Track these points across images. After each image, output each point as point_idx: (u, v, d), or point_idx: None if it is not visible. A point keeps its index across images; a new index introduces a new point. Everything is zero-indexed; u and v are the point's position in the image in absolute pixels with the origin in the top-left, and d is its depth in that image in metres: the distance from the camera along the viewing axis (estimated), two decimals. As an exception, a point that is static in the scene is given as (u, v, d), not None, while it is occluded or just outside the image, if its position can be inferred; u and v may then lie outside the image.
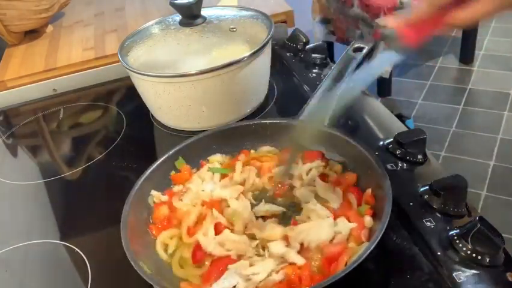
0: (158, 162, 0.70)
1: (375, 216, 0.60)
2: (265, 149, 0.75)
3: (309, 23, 2.57)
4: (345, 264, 0.54)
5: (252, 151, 0.75)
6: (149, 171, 0.69)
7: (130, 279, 0.61)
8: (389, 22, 0.57)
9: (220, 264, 0.57)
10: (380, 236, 0.52)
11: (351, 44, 0.90)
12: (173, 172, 0.72)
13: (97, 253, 0.68)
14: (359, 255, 0.51)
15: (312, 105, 0.75)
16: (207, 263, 0.59)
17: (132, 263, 0.55)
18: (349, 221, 0.60)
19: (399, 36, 0.57)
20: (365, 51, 0.88)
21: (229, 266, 0.56)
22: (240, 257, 0.58)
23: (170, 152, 0.72)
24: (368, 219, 0.59)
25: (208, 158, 0.75)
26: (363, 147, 0.65)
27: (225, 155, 0.75)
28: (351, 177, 0.67)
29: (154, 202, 0.68)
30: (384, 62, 0.61)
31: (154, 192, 0.68)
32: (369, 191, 0.63)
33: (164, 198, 0.69)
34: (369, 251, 0.50)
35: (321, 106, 0.64)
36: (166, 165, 0.71)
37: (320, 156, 0.71)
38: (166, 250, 0.62)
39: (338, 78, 0.83)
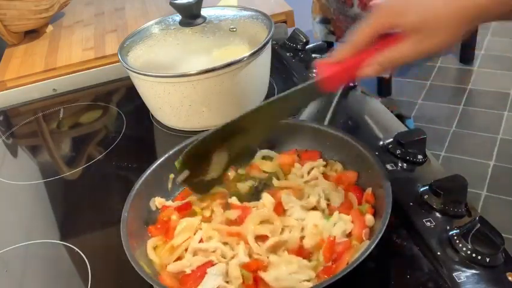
0: (158, 162, 0.70)
1: (376, 214, 0.60)
2: (263, 153, 0.75)
3: (309, 23, 2.57)
4: (347, 263, 0.54)
5: (240, 170, 0.74)
6: (149, 171, 0.68)
7: (130, 279, 0.61)
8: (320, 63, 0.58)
9: (200, 269, 0.57)
10: (380, 235, 0.52)
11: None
12: (172, 175, 0.71)
13: (97, 253, 0.68)
14: (359, 255, 0.51)
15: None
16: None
17: (132, 263, 0.55)
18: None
19: (320, 78, 0.58)
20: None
21: (208, 270, 0.56)
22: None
23: (171, 152, 0.72)
24: (369, 218, 0.60)
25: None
26: (363, 147, 0.66)
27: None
28: (352, 176, 0.67)
29: (156, 207, 0.68)
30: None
31: (158, 199, 0.68)
32: (369, 190, 0.63)
33: (169, 203, 0.68)
34: (369, 251, 0.50)
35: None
36: (167, 165, 0.71)
37: (319, 156, 0.71)
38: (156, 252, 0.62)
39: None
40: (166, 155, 0.71)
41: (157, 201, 0.68)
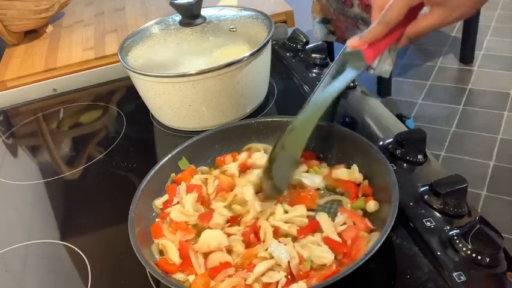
0: (162, 162, 0.70)
1: (379, 201, 0.61)
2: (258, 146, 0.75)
3: (309, 23, 2.56)
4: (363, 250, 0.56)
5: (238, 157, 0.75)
6: (153, 171, 0.68)
7: (130, 279, 0.62)
8: (354, 43, 0.63)
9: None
10: (388, 232, 0.52)
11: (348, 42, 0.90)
12: (173, 174, 0.72)
13: (97, 253, 0.68)
14: (368, 251, 0.52)
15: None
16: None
17: (143, 263, 0.54)
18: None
19: (363, 55, 0.63)
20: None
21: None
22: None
23: (174, 152, 0.71)
24: (371, 204, 0.61)
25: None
26: (367, 142, 0.66)
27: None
28: (340, 171, 0.67)
29: (158, 208, 0.68)
30: (346, 79, 0.66)
31: (156, 201, 0.68)
32: (365, 182, 0.64)
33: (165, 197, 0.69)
34: (377, 247, 0.51)
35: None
36: (170, 165, 0.71)
37: (315, 157, 0.71)
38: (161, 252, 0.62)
39: (337, 76, 0.84)
40: (170, 155, 0.71)
41: (157, 202, 0.68)
